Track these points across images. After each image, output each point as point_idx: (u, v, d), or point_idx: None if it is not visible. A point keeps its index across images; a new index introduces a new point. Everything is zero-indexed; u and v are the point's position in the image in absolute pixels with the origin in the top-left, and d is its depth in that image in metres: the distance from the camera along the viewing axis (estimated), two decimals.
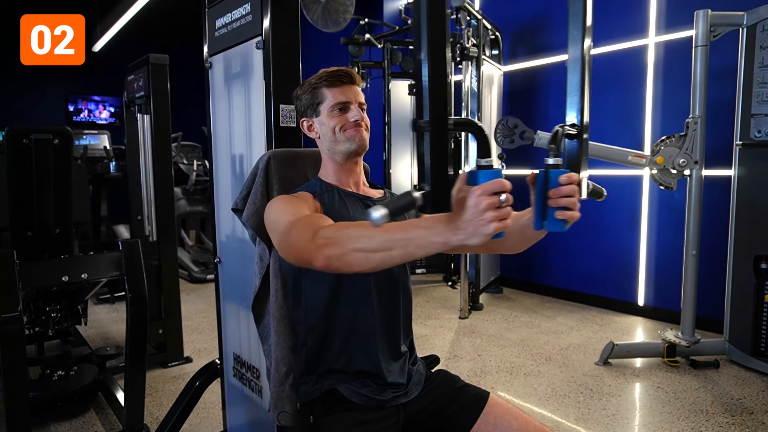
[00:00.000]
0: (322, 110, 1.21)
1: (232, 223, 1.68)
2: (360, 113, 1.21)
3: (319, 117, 1.22)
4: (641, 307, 3.74)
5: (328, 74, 1.21)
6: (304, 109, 1.24)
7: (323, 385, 1.15)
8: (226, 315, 1.77)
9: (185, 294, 4.11)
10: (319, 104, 1.21)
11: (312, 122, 1.24)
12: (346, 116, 1.20)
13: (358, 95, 1.23)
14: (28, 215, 2.05)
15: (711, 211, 3.07)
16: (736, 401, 2.39)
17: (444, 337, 3.31)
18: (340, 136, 1.20)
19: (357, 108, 1.21)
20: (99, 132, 5.06)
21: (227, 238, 1.73)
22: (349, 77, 1.22)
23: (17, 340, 1.65)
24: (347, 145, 1.20)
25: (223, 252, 1.76)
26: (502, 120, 2.94)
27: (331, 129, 1.20)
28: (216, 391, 1.92)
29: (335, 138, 1.20)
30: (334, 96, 1.20)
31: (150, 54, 2.75)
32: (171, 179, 2.99)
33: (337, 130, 1.20)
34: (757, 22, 2.64)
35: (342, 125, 1.19)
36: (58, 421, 2.25)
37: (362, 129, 1.21)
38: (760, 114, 2.65)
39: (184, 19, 5.89)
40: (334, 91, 1.20)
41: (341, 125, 1.19)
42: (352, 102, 1.21)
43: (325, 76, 1.21)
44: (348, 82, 1.21)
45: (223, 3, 1.63)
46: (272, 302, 1.26)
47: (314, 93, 1.22)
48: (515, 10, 4.46)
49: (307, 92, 1.23)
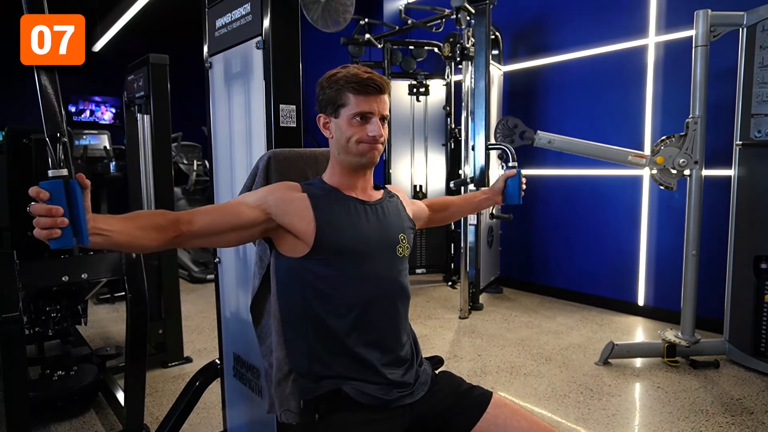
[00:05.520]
0: (342, 114, 1.16)
1: None
2: (380, 129, 1.15)
3: (338, 120, 1.17)
4: (641, 307, 3.74)
5: (357, 80, 1.13)
6: (325, 104, 1.18)
7: (327, 383, 1.15)
8: (226, 315, 1.77)
9: (185, 294, 4.11)
10: (340, 107, 1.15)
11: (329, 121, 1.19)
12: (365, 129, 1.15)
13: (383, 106, 1.17)
14: (28, 215, 2.04)
15: (711, 211, 3.07)
16: (736, 401, 2.39)
17: (444, 337, 3.31)
18: (353, 147, 1.16)
19: (378, 122, 1.15)
20: (99, 132, 5.06)
21: None
22: (379, 88, 1.15)
23: (17, 340, 1.65)
24: (357, 159, 1.17)
25: (223, 252, 1.76)
26: (502, 120, 2.94)
27: (346, 138, 1.15)
28: (216, 391, 1.92)
29: (347, 148, 1.16)
30: (357, 104, 1.14)
31: (150, 54, 2.75)
32: (171, 179, 2.99)
33: (352, 141, 1.15)
34: (757, 22, 2.64)
35: (358, 138, 1.15)
36: (58, 421, 2.25)
37: (377, 146, 1.17)
38: (760, 114, 2.65)
39: (184, 19, 5.89)
40: (359, 99, 1.14)
41: (357, 137, 1.15)
42: (375, 114, 1.15)
43: (354, 81, 1.13)
44: (375, 93, 1.15)
45: (223, 3, 1.63)
46: (273, 302, 1.26)
47: (339, 93, 1.15)
48: (515, 10, 4.46)
49: (333, 89, 1.16)
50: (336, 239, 1.14)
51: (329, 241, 1.14)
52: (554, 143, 2.85)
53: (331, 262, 1.14)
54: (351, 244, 1.16)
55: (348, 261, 1.15)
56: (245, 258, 1.61)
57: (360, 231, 1.18)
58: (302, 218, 1.14)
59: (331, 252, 1.14)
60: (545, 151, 3.10)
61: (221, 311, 1.80)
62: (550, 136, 2.84)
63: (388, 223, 1.24)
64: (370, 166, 1.21)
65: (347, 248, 1.15)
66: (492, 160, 3.90)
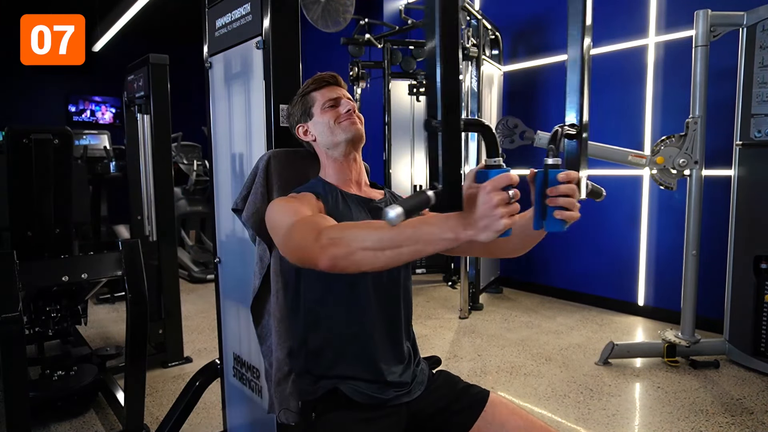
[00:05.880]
0: (315, 111, 1.25)
1: (232, 223, 1.68)
2: (352, 104, 1.25)
3: (313, 118, 1.25)
4: (641, 307, 3.74)
5: (313, 80, 1.26)
6: (299, 116, 1.28)
7: (325, 384, 1.15)
8: (226, 315, 1.77)
9: (185, 294, 4.11)
10: (310, 107, 1.25)
11: (306, 126, 1.27)
12: (338, 109, 1.24)
13: (346, 94, 1.27)
14: (28, 215, 2.05)
15: (711, 211, 3.07)
16: (736, 401, 2.39)
17: (444, 337, 3.31)
18: (336, 128, 1.22)
19: (347, 101, 1.25)
20: (99, 132, 5.05)
21: (227, 238, 1.73)
22: (334, 79, 1.27)
23: (17, 340, 1.65)
24: (344, 135, 1.22)
25: (223, 252, 1.76)
26: (502, 120, 2.94)
27: (326, 124, 1.23)
28: (216, 391, 1.92)
29: (331, 131, 1.23)
30: (323, 95, 1.25)
31: (150, 54, 2.74)
32: (171, 179, 2.99)
33: (331, 123, 1.22)
34: (757, 22, 2.64)
35: (336, 117, 1.23)
36: (58, 421, 2.25)
37: (355, 118, 1.23)
38: (760, 114, 2.65)
39: (184, 19, 5.89)
40: (323, 92, 1.25)
41: (335, 118, 1.23)
42: (342, 97, 1.25)
43: (311, 82, 1.26)
44: (334, 83, 1.26)
45: (223, 3, 1.63)
46: (273, 302, 1.26)
47: (304, 100, 1.26)
48: (515, 10, 4.46)
49: (298, 103, 1.27)
50: None
51: None
52: None
53: None
54: None
55: None
56: (245, 258, 1.61)
57: None
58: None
59: None
60: (545, 151, 3.09)
61: (221, 311, 1.79)
62: (550, 136, 2.84)
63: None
64: (359, 139, 1.24)
65: None
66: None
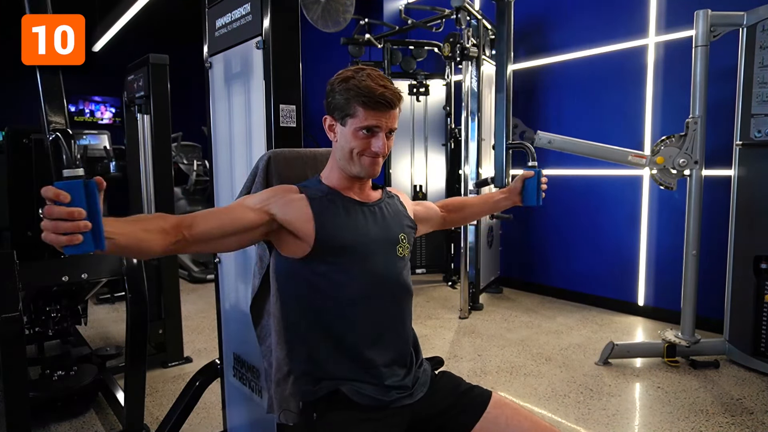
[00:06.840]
0: (349, 124, 1.14)
1: None
2: (384, 145, 1.14)
3: (344, 128, 1.15)
4: (641, 307, 3.74)
5: (369, 93, 1.10)
6: (333, 108, 1.16)
7: (326, 385, 1.15)
8: (226, 315, 1.77)
9: (185, 294, 4.11)
10: (348, 116, 1.13)
11: (335, 125, 1.18)
12: (370, 143, 1.14)
13: (392, 121, 1.15)
14: (28, 215, 2.05)
15: (711, 211, 3.07)
16: (736, 401, 2.39)
17: (444, 337, 3.31)
18: (356, 159, 1.16)
19: (384, 137, 1.14)
20: (99, 132, 5.06)
21: None
22: (389, 104, 1.12)
23: (17, 340, 1.65)
24: (357, 170, 1.17)
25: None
26: None
27: (350, 148, 1.15)
28: (216, 391, 1.92)
29: (350, 158, 1.16)
30: (366, 118, 1.12)
31: (150, 54, 2.75)
32: (171, 179, 2.99)
33: (354, 152, 1.15)
34: (757, 22, 2.64)
35: (361, 150, 1.14)
36: (58, 421, 2.25)
37: (378, 160, 1.17)
38: (760, 114, 2.65)
39: (184, 19, 5.89)
40: (368, 114, 1.11)
41: (360, 150, 1.14)
42: (383, 129, 1.14)
43: (365, 95, 1.10)
44: (386, 109, 1.12)
45: (223, 3, 1.63)
46: (272, 302, 1.26)
47: (348, 102, 1.12)
48: (515, 10, 4.45)
49: (343, 96, 1.13)
50: (336, 239, 1.14)
51: (329, 240, 1.14)
52: (554, 143, 2.85)
53: (331, 261, 1.14)
54: (351, 243, 1.16)
55: (348, 260, 1.15)
56: (245, 258, 1.61)
57: (359, 231, 1.18)
58: (302, 219, 1.14)
59: (331, 252, 1.14)
60: (545, 152, 3.10)
61: (221, 311, 1.80)
62: (550, 136, 2.84)
63: (387, 223, 1.24)
64: (368, 179, 1.23)
65: (348, 247, 1.15)
66: (487, 158, 3.89)
